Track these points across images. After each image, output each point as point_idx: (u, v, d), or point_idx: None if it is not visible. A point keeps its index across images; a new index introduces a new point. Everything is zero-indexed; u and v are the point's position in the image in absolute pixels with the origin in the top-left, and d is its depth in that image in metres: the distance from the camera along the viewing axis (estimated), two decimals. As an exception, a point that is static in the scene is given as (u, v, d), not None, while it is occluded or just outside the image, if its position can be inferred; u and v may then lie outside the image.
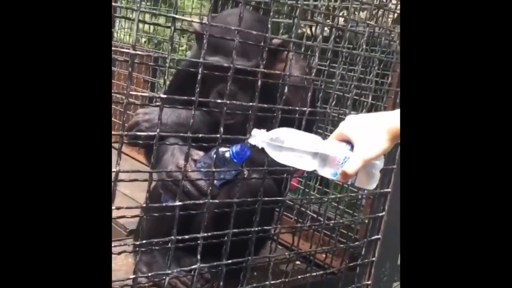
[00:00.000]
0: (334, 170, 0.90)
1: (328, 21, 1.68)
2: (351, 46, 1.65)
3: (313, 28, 3.21)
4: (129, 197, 1.92)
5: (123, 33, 3.16)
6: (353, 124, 0.92)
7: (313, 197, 1.70)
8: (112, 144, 2.47)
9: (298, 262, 1.60)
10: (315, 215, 1.71)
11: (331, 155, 0.90)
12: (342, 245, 1.40)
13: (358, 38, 1.62)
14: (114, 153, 2.50)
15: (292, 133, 0.94)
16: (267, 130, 0.95)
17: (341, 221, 1.38)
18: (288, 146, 0.91)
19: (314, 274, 1.28)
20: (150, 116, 1.26)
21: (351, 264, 1.35)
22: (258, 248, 1.41)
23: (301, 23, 2.15)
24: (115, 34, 3.04)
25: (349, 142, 0.91)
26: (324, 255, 1.49)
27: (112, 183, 0.88)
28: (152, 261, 1.39)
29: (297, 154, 0.91)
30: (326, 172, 0.91)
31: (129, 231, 1.66)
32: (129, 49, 0.86)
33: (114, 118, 2.93)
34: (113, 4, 0.87)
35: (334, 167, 0.90)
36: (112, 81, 2.89)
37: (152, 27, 3.25)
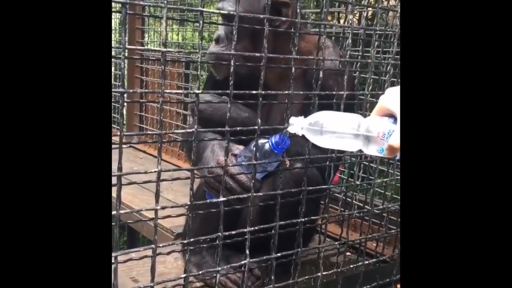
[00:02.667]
0: (380, 146, 0.87)
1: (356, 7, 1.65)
2: (384, 27, 1.61)
3: (341, 20, 3.18)
4: (173, 202, 1.93)
5: (154, 45, 3.21)
6: (393, 95, 0.89)
7: (358, 183, 1.67)
8: (148, 148, 2.47)
9: (348, 253, 1.56)
10: (361, 204, 1.68)
11: (374, 131, 0.87)
12: (392, 231, 1.36)
13: (389, 23, 1.58)
14: (149, 158, 2.54)
15: (331, 115, 0.91)
16: (305, 117, 0.93)
17: (389, 206, 1.34)
18: (328, 129, 0.89)
19: (367, 262, 1.24)
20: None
21: (404, 250, 1.31)
22: (306, 240, 1.39)
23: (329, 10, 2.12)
24: (146, 46, 3.09)
25: (391, 116, 0.88)
26: (374, 244, 1.45)
27: (155, 183, 0.88)
28: (202, 262, 1.39)
29: (338, 135, 0.88)
30: (372, 150, 0.88)
31: (176, 234, 1.67)
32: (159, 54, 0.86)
33: (149, 124, 2.99)
34: (141, 3, 0.87)
35: (379, 143, 0.87)
36: (146, 90, 2.94)
37: (181, 36, 3.28)
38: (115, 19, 3.20)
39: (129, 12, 0.79)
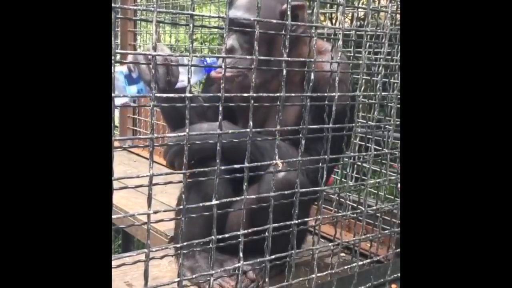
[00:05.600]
0: None
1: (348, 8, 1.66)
2: (375, 28, 1.62)
3: (333, 21, 3.18)
4: (166, 205, 1.93)
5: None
6: None
7: (351, 184, 1.67)
8: (141, 151, 2.45)
9: (342, 254, 1.57)
10: (355, 205, 1.68)
11: None
12: (386, 231, 1.36)
13: (380, 23, 1.58)
14: (143, 161, 2.51)
15: None
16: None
17: (382, 206, 1.34)
18: None
19: (361, 263, 1.24)
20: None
21: (398, 250, 1.31)
22: (299, 243, 1.39)
23: (321, 11, 2.12)
24: (138, 49, 3.08)
25: None
26: (368, 244, 1.46)
27: (148, 187, 0.87)
28: (195, 266, 1.38)
29: None
30: None
31: (170, 237, 1.67)
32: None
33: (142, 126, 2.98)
34: (131, 7, 0.87)
35: None
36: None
37: (173, 38, 3.28)
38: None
39: (119, 17, 0.79)
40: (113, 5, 0.77)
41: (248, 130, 0.96)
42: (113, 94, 0.78)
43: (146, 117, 2.94)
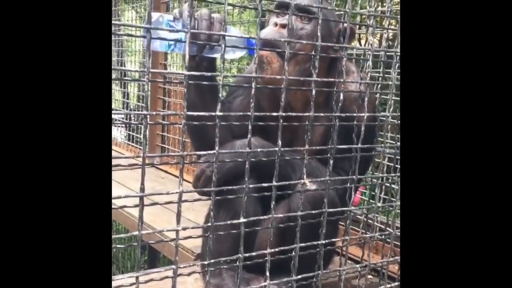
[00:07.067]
0: None
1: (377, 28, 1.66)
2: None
3: (362, 41, 3.18)
4: (193, 222, 1.94)
5: (176, 66, 3.27)
6: None
7: (379, 205, 1.65)
8: (169, 168, 2.46)
9: (370, 276, 1.54)
10: (383, 226, 1.66)
11: None
12: (415, 255, 1.34)
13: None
14: (171, 178, 2.53)
15: None
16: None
17: (412, 228, 1.32)
18: None
19: (389, 286, 1.22)
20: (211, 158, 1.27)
21: (427, 274, 1.29)
22: (325, 263, 1.37)
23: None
24: (168, 68, 3.14)
25: None
26: (397, 267, 1.43)
27: (177, 204, 0.89)
28: (222, 284, 1.38)
29: None
30: None
31: (196, 255, 1.67)
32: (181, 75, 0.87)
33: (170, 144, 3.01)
34: (164, 28, 0.89)
35: None
36: (171, 111, 2.97)
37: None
38: (139, 41, 3.25)
39: (154, 38, 0.82)
40: (147, 26, 0.79)
41: (277, 149, 0.97)
42: (146, 112, 0.80)
43: (175, 134, 2.98)
